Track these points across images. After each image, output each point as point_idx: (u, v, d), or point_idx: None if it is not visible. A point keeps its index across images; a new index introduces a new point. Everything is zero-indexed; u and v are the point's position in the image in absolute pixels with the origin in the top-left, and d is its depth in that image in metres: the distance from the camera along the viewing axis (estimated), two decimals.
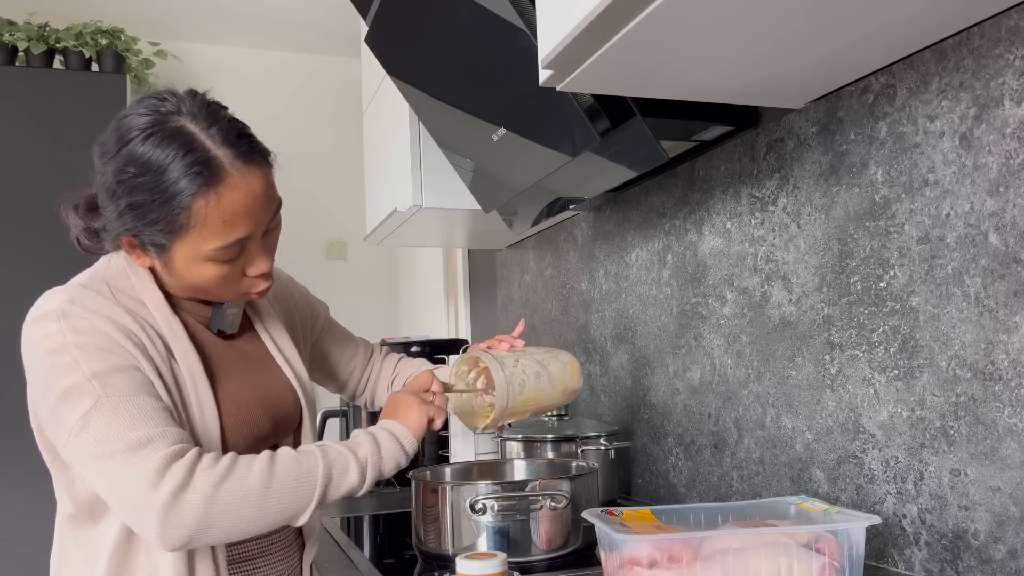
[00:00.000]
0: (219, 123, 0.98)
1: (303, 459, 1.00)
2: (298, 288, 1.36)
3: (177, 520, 0.91)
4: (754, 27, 0.95)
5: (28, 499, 2.68)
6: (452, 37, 1.45)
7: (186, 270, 1.00)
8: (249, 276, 1.04)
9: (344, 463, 1.02)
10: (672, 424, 1.63)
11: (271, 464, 0.97)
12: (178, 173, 0.94)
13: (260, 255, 1.03)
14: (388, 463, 1.06)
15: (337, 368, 1.40)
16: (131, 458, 0.92)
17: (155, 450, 0.92)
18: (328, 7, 3.22)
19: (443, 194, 1.99)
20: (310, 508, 0.99)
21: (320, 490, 0.99)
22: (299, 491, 0.98)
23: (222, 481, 0.94)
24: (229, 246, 0.98)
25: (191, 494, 0.92)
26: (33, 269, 2.80)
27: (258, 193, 0.99)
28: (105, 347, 0.96)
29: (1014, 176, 0.95)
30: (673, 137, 1.35)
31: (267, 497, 0.96)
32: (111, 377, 0.95)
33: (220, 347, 1.11)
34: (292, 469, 0.98)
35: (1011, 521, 0.96)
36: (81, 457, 0.95)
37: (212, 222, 0.96)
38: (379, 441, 1.06)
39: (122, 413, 0.93)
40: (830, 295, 1.22)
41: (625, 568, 0.91)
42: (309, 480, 0.98)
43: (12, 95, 2.89)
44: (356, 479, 1.02)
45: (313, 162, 3.66)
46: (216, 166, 0.95)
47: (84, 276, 1.05)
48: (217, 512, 0.93)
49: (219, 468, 0.94)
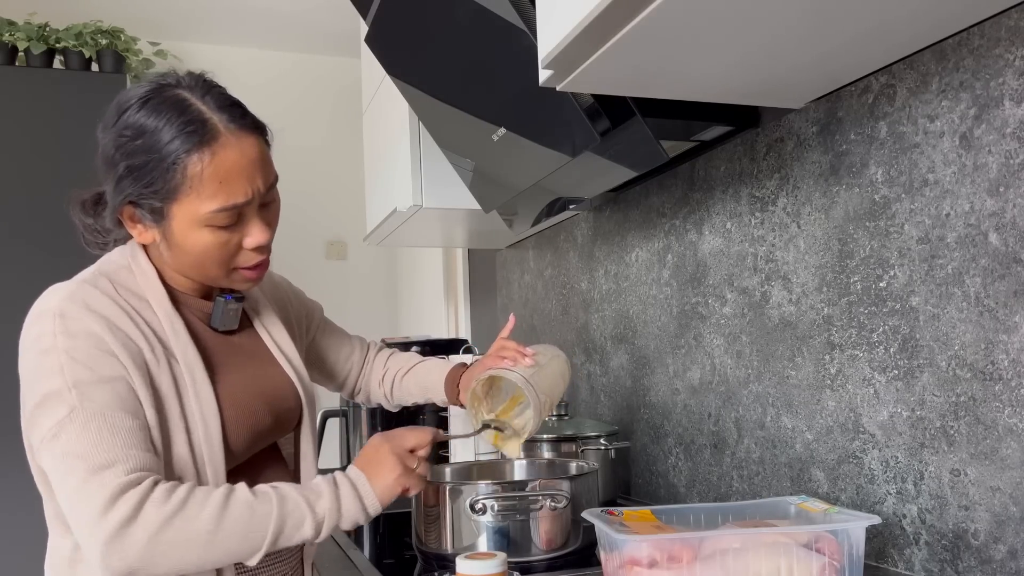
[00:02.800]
0: (213, 92, 1.01)
1: (258, 506, 0.96)
2: (293, 289, 1.37)
3: (120, 552, 0.90)
4: (754, 27, 0.95)
5: (28, 498, 2.68)
6: (452, 37, 1.45)
7: (184, 238, 1.00)
8: (246, 248, 1.03)
9: (299, 517, 0.98)
10: (672, 424, 1.63)
11: (223, 506, 0.95)
12: (173, 133, 0.96)
13: (257, 225, 1.03)
14: (346, 521, 1.02)
15: (335, 367, 1.41)
16: (88, 481, 0.91)
17: (113, 476, 0.91)
18: (328, 7, 3.21)
19: (443, 194, 1.99)
20: (259, 554, 0.96)
21: (270, 540, 0.96)
22: (248, 539, 0.95)
23: (170, 519, 0.92)
24: (226, 209, 0.98)
25: (136, 529, 0.90)
26: (33, 269, 2.80)
27: (252, 157, 1.00)
28: (94, 355, 0.95)
29: (1014, 176, 0.95)
30: (673, 137, 1.35)
31: (213, 542, 0.93)
32: (91, 388, 0.94)
33: (220, 343, 1.11)
34: (243, 515, 0.95)
35: (1011, 521, 0.96)
36: (47, 463, 0.95)
37: (208, 182, 0.97)
38: (341, 498, 1.01)
39: (91, 429, 0.92)
40: (830, 295, 1.22)
41: (625, 568, 0.91)
42: (259, 529, 0.95)
43: (12, 95, 2.89)
44: (310, 533, 0.99)
45: (313, 162, 3.66)
46: (210, 127, 0.97)
47: (88, 272, 1.05)
48: (160, 551, 0.91)
49: (170, 504, 0.92)
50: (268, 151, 1.04)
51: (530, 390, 1.16)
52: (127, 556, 0.90)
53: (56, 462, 0.93)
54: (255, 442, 1.09)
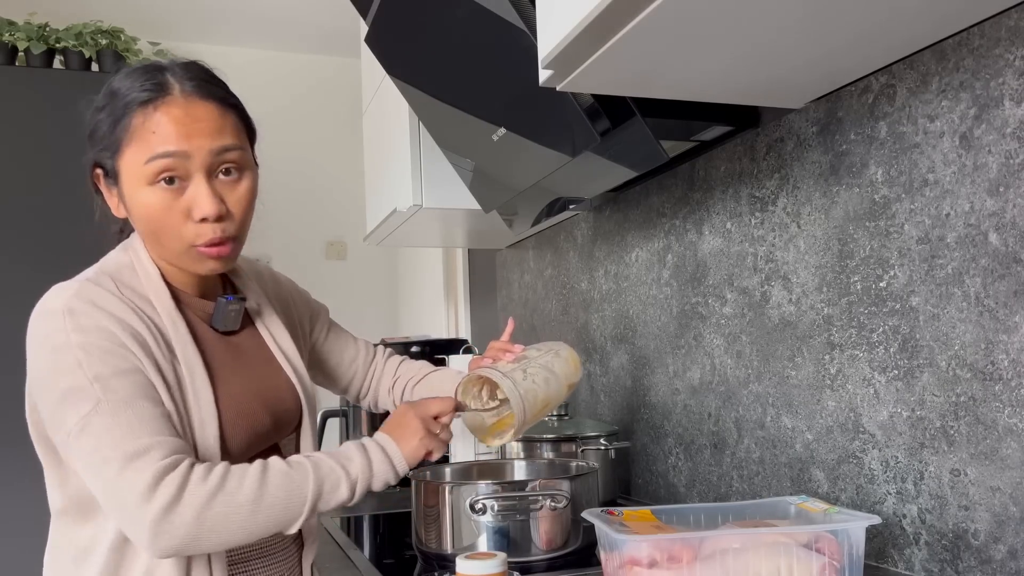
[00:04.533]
0: (191, 66, 1.05)
1: (294, 474, 0.99)
2: (298, 290, 1.36)
3: (168, 532, 0.92)
4: (754, 27, 0.95)
5: (29, 498, 2.68)
6: (452, 37, 1.45)
7: (132, 199, 1.02)
8: (193, 220, 1.01)
9: (335, 479, 1.01)
10: (672, 424, 1.63)
11: (262, 478, 0.97)
12: (132, 91, 1.00)
13: (203, 195, 1.01)
14: (378, 482, 1.05)
15: (339, 371, 1.40)
16: (126, 469, 0.92)
17: (149, 462, 0.93)
18: (328, 7, 3.21)
19: (443, 194, 1.99)
20: (300, 520, 0.99)
21: (310, 505, 0.99)
22: (289, 506, 0.98)
23: (213, 496, 0.94)
24: (156, 157, 0.99)
25: (182, 508, 0.92)
26: (33, 269, 2.79)
27: (199, 117, 1.01)
28: (108, 348, 0.96)
29: (1014, 176, 0.95)
30: (673, 137, 1.35)
31: (257, 511, 0.96)
32: (113, 381, 0.95)
33: (221, 344, 1.11)
34: (283, 484, 0.98)
35: (1011, 521, 0.96)
36: (79, 459, 0.95)
37: (146, 131, 0.99)
38: (372, 459, 1.05)
39: (120, 419, 0.94)
40: (830, 295, 1.22)
41: (625, 568, 0.91)
42: (299, 495, 0.98)
43: (12, 95, 2.89)
44: (346, 494, 1.02)
45: (313, 162, 3.67)
46: (166, 87, 1.00)
47: (91, 271, 1.05)
48: (207, 527, 0.94)
49: (210, 482, 0.94)
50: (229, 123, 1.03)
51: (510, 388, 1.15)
52: (176, 534, 0.93)
53: (88, 456, 0.94)
54: (253, 443, 1.09)
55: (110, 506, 0.95)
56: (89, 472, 0.95)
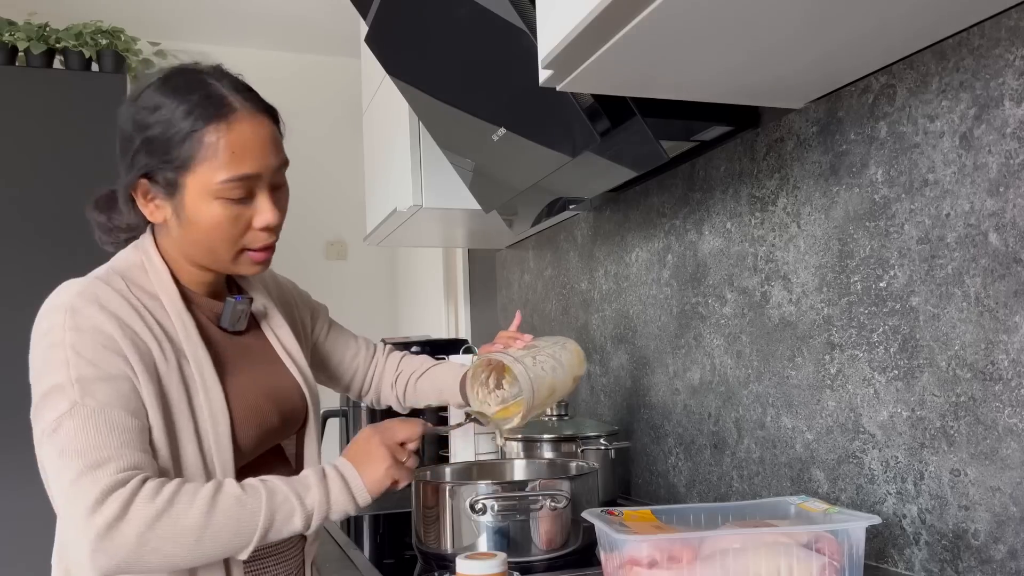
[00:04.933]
0: (230, 77, 1.06)
1: (247, 499, 0.96)
2: (298, 291, 1.37)
3: (109, 550, 0.91)
4: (754, 27, 0.95)
5: (28, 499, 2.68)
6: (452, 37, 1.45)
7: (196, 210, 1.02)
8: (255, 228, 1.05)
9: (288, 510, 0.98)
10: (672, 424, 1.63)
11: (212, 502, 0.95)
12: (191, 107, 1.00)
13: (267, 204, 1.05)
14: (335, 513, 1.02)
15: (340, 368, 1.41)
16: (80, 478, 0.91)
17: (103, 475, 0.91)
18: (328, 7, 3.21)
19: (443, 194, 1.99)
20: (248, 548, 0.97)
21: (259, 535, 0.97)
22: (238, 533, 0.96)
23: (159, 516, 0.92)
24: (238, 179, 1.01)
25: (125, 527, 0.91)
26: (34, 269, 2.79)
27: (266, 135, 1.04)
28: (99, 352, 0.96)
29: (1014, 176, 0.95)
30: (673, 137, 1.35)
31: (202, 538, 0.94)
32: (94, 385, 0.94)
33: (229, 343, 1.12)
34: (232, 512, 0.95)
35: (1011, 521, 0.96)
36: (43, 456, 0.96)
37: (222, 152, 1.00)
38: (330, 490, 1.02)
39: (89, 426, 0.93)
40: (830, 295, 1.22)
41: (625, 568, 0.91)
42: (249, 524, 0.96)
43: (12, 95, 2.89)
44: (300, 525, 0.99)
45: (313, 162, 3.66)
46: (227, 103, 1.02)
47: (102, 269, 1.06)
48: (150, 548, 0.92)
49: (158, 502, 0.92)
50: (279, 136, 1.08)
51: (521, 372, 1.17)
52: (116, 554, 0.91)
53: (53, 457, 0.94)
54: (263, 441, 1.10)
55: (60, 514, 0.94)
56: (51, 475, 0.94)
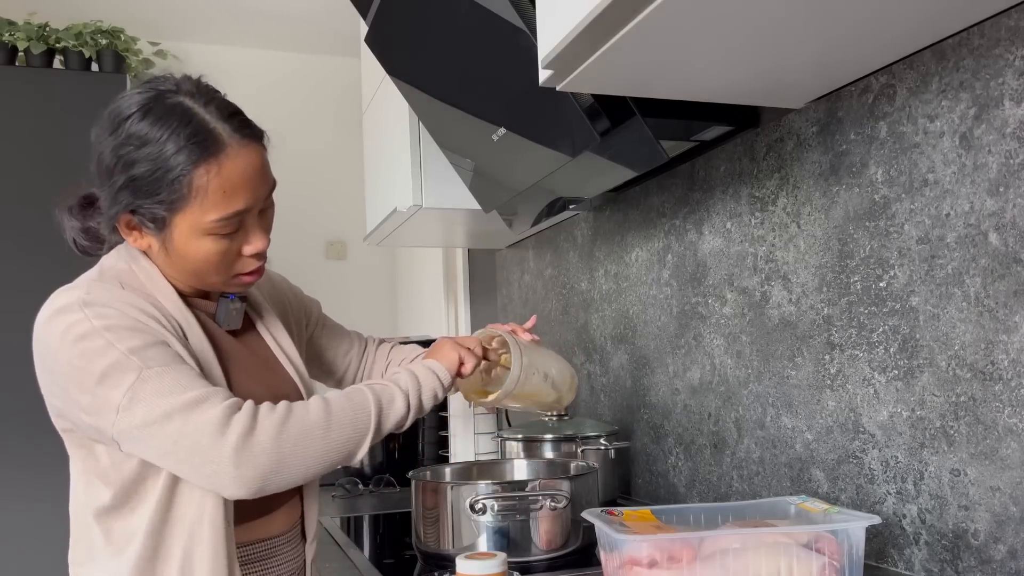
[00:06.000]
0: (215, 101, 1.01)
1: (353, 395, 1.05)
2: (290, 287, 1.37)
3: (251, 461, 0.94)
4: (754, 27, 0.95)
5: (29, 498, 2.68)
6: (452, 37, 1.45)
7: (184, 246, 1.01)
8: (245, 256, 1.05)
9: (390, 393, 1.07)
10: (672, 424, 1.63)
11: (325, 402, 1.02)
12: (179, 144, 0.96)
13: (256, 233, 1.05)
14: (427, 391, 1.12)
15: (334, 363, 1.41)
16: (190, 415, 0.94)
17: (212, 405, 0.95)
18: (328, 7, 3.21)
19: (443, 194, 1.99)
20: (368, 438, 1.04)
21: (375, 419, 1.04)
22: (357, 422, 1.02)
23: (285, 420, 0.97)
24: (229, 218, 0.99)
25: (259, 436, 0.95)
26: (34, 270, 2.79)
27: (256, 166, 1.02)
28: (133, 326, 0.97)
29: (1014, 176, 0.95)
30: (673, 137, 1.35)
31: (329, 430, 1.00)
32: (147, 351, 0.96)
33: (229, 341, 1.12)
34: (346, 404, 1.03)
35: (1011, 521, 0.96)
36: (133, 430, 0.94)
37: (213, 192, 0.98)
38: (416, 372, 1.12)
39: (167, 380, 0.95)
40: (830, 295, 1.22)
41: (625, 568, 0.91)
42: (364, 411, 1.03)
43: (12, 95, 2.89)
44: (403, 407, 1.08)
45: (313, 162, 3.66)
46: (216, 137, 0.98)
47: (93, 272, 1.06)
48: (287, 449, 0.96)
49: (278, 411, 0.98)
50: (266, 159, 1.05)
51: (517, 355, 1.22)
52: (258, 463, 0.95)
53: (143, 419, 0.94)
54: None
55: (180, 458, 0.95)
56: (148, 436, 0.94)
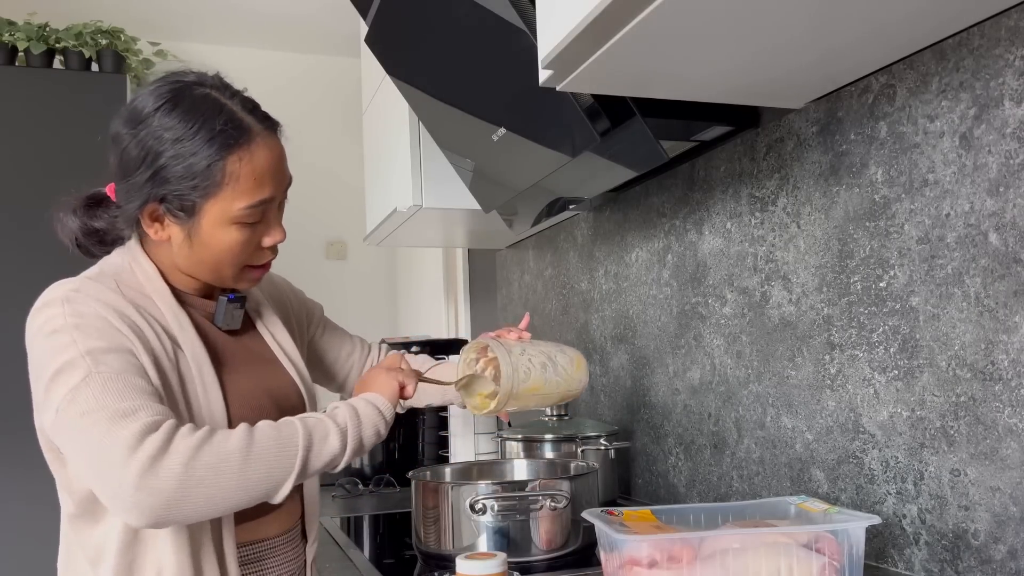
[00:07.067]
0: (238, 95, 1.06)
1: (282, 427, 0.97)
2: (292, 289, 1.37)
3: (154, 485, 0.87)
4: (754, 27, 0.95)
5: (30, 499, 2.68)
6: (452, 37, 1.45)
7: (211, 235, 1.02)
8: (263, 247, 1.07)
9: (324, 430, 1.00)
10: (672, 424, 1.63)
11: (250, 431, 0.95)
12: (212, 132, 0.99)
13: (276, 224, 1.08)
14: (368, 429, 1.04)
15: (335, 366, 1.41)
16: (112, 427, 0.89)
17: (136, 419, 0.90)
18: (328, 7, 3.21)
19: (443, 194, 1.99)
20: (291, 477, 0.96)
21: (301, 457, 0.96)
22: (280, 457, 0.94)
23: (201, 445, 0.90)
24: (257, 205, 1.02)
25: (169, 458, 0.88)
26: (33, 270, 2.79)
27: (281, 156, 1.06)
28: (103, 328, 0.96)
29: (1014, 176, 0.95)
30: (673, 137, 1.35)
31: (247, 463, 0.92)
32: (106, 355, 0.94)
33: (226, 341, 1.12)
34: (271, 436, 0.96)
35: (1011, 521, 0.96)
36: (65, 430, 0.92)
37: (245, 179, 1.01)
38: (356, 407, 1.04)
39: (110, 388, 0.92)
40: (830, 295, 1.22)
41: (625, 568, 0.91)
42: (290, 446, 0.95)
43: (12, 95, 2.89)
44: (337, 445, 1.00)
45: (313, 162, 3.66)
46: (247, 127, 1.02)
47: (92, 270, 1.06)
48: (196, 478, 0.89)
49: (198, 434, 0.92)
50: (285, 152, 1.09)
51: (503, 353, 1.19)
52: (162, 488, 0.88)
53: (75, 423, 0.91)
54: None
55: (93, 470, 0.90)
56: (74, 439, 0.91)
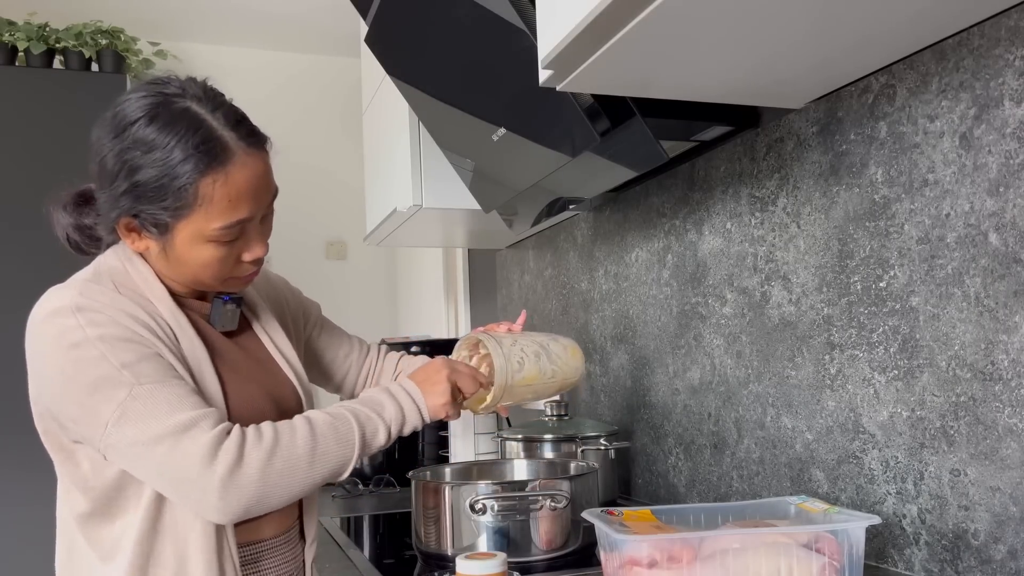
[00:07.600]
0: (222, 107, 1.01)
1: (338, 424, 1.04)
2: (289, 288, 1.36)
3: (236, 494, 0.96)
4: (754, 27, 0.95)
5: (29, 499, 2.68)
6: (452, 37, 1.45)
7: (185, 252, 1.01)
8: (243, 262, 1.05)
9: (373, 426, 1.07)
10: (672, 424, 1.63)
11: (312, 431, 1.02)
12: (187, 152, 0.96)
13: (257, 240, 1.05)
14: (409, 426, 1.11)
15: (332, 367, 1.40)
16: (179, 441, 0.94)
17: (201, 431, 0.95)
18: (328, 7, 3.21)
19: (443, 194, 1.99)
20: (350, 465, 1.05)
21: (358, 451, 1.05)
22: (342, 453, 1.03)
23: (272, 454, 0.98)
24: (232, 226, 1.00)
25: (247, 468, 0.96)
26: (32, 270, 2.79)
27: (261, 175, 1.02)
28: (127, 337, 0.97)
29: (1014, 176, 0.95)
30: (673, 137, 1.35)
31: (314, 462, 1.01)
32: (140, 366, 0.96)
33: (224, 342, 1.12)
34: (332, 434, 1.03)
35: (1011, 521, 0.96)
36: (122, 447, 0.95)
37: (218, 201, 0.98)
38: (402, 406, 1.10)
39: (159, 400, 0.95)
40: (830, 295, 1.22)
41: (625, 568, 0.91)
42: (348, 442, 1.04)
43: (12, 95, 2.89)
44: (383, 439, 1.08)
45: (313, 162, 3.66)
46: (224, 146, 0.98)
47: (87, 272, 1.05)
48: (272, 482, 0.98)
49: (265, 442, 0.98)
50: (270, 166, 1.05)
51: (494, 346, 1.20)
52: (244, 495, 0.96)
53: (133, 441, 0.95)
54: None
55: (167, 482, 0.97)
56: (136, 456, 0.95)
